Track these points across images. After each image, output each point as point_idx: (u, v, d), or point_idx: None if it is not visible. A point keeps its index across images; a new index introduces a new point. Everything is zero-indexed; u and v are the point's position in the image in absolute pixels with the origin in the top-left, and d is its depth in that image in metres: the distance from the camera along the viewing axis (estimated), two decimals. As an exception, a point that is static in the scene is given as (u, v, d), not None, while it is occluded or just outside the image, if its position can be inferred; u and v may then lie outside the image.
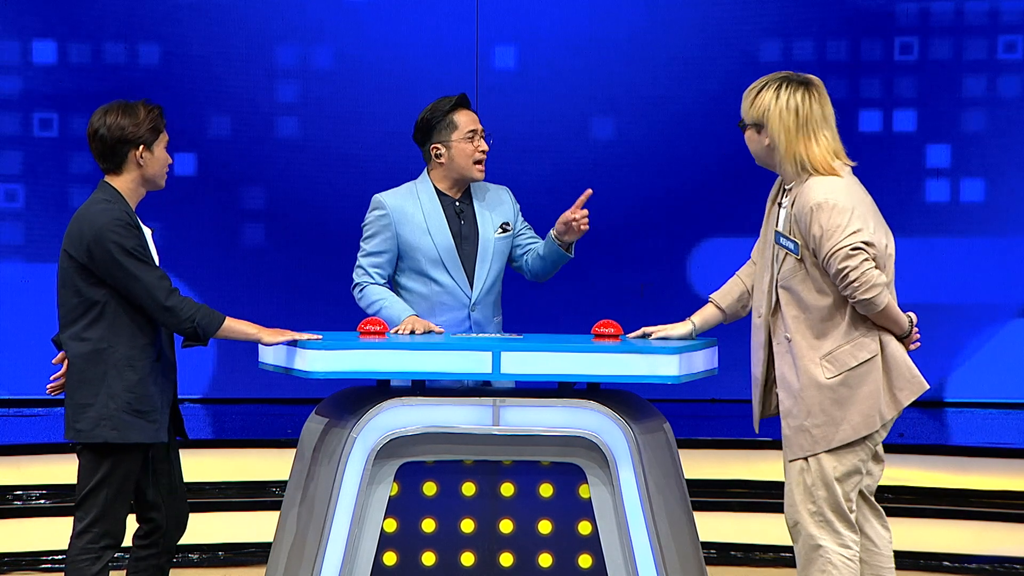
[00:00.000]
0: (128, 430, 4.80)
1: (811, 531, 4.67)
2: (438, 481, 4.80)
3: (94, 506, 4.85)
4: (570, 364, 4.74)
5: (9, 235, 10.19)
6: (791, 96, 4.69)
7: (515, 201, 5.74)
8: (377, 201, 5.61)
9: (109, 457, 4.83)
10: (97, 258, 4.76)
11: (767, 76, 4.79)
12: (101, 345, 4.80)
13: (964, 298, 10.12)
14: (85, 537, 4.86)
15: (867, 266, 4.57)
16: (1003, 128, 10.13)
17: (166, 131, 4.96)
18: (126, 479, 4.87)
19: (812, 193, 4.63)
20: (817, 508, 4.66)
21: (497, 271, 5.64)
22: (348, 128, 10.19)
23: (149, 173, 4.91)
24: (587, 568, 4.77)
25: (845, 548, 4.67)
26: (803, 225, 4.64)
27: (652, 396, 5.18)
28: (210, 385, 10.09)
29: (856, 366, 4.63)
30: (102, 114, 4.90)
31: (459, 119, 5.57)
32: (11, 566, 7.11)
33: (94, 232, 4.77)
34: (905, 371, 4.68)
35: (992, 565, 7.15)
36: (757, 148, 4.79)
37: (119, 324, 4.80)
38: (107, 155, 4.88)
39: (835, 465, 4.66)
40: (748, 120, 4.78)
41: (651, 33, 10.21)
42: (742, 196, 10.07)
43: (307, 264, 10.19)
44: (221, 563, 7.28)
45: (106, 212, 4.80)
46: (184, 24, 10.15)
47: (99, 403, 4.79)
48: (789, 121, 4.68)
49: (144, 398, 4.82)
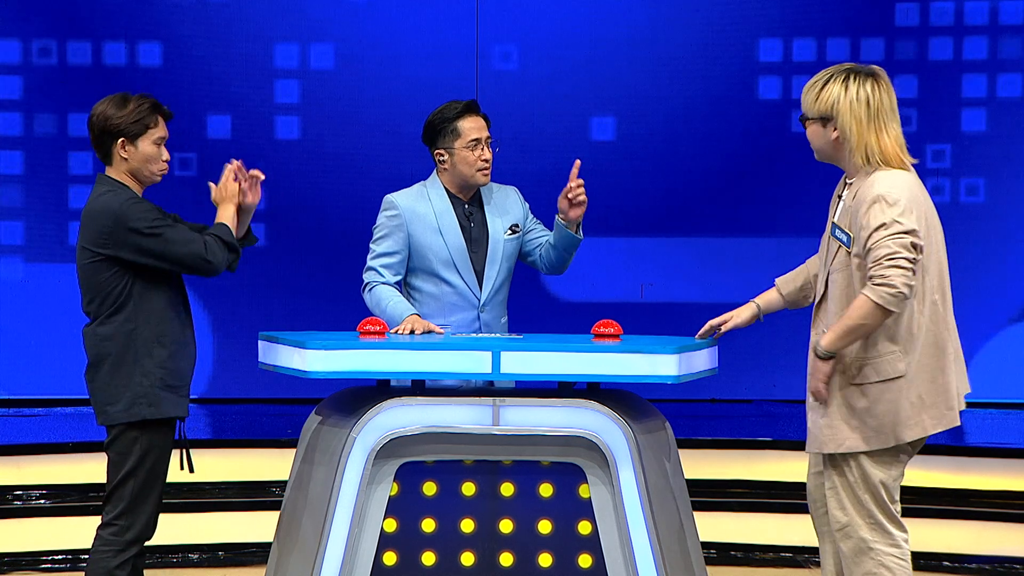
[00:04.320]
0: (163, 405, 4.88)
1: (862, 534, 4.63)
2: (438, 481, 4.80)
3: (122, 498, 4.86)
4: (570, 364, 4.74)
5: (9, 235, 10.18)
6: (860, 87, 4.59)
7: (524, 201, 5.75)
8: (389, 201, 5.62)
9: (138, 443, 4.85)
10: (126, 241, 4.79)
11: (829, 69, 4.67)
12: (128, 327, 4.86)
13: (964, 298, 10.09)
14: (110, 529, 4.86)
15: (907, 262, 4.44)
16: (1003, 128, 10.13)
17: (164, 127, 4.94)
18: (154, 469, 4.89)
19: (876, 186, 4.52)
20: (867, 510, 4.62)
21: (506, 272, 5.66)
22: (348, 128, 10.19)
23: (133, 166, 4.92)
24: (587, 568, 4.77)
25: (896, 547, 4.63)
26: (859, 215, 4.52)
27: (652, 396, 5.18)
28: (210, 385, 10.09)
29: (877, 382, 4.56)
30: (99, 104, 4.95)
31: (464, 126, 5.57)
32: (11, 566, 7.11)
33: (113, 219, 4.80)
34: (941, 401, 4.58)
35: (992, 565, 7.15)
36: (822, 142, 4.66)
37: (144, 304, 4.86)
38: (96, 145, 4.94)
39: (876, 467, 4.61)
40: (813, 114, 4.65)
41: (651, 33, 10.21)
42: (743, 196, 10.10)
43: (307, 264, 10.20)
44: (221, 563, 7.28)
45: (115, 198, 4.84)
46: (184, 24, 10.15)
47: (134, 383, 4.84)
48: (860, 112, 4.59)
49: (175, 373, 4.91)
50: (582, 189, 5.52)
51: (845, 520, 4.64)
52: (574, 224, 5.58)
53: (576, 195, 5.51)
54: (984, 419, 9.58)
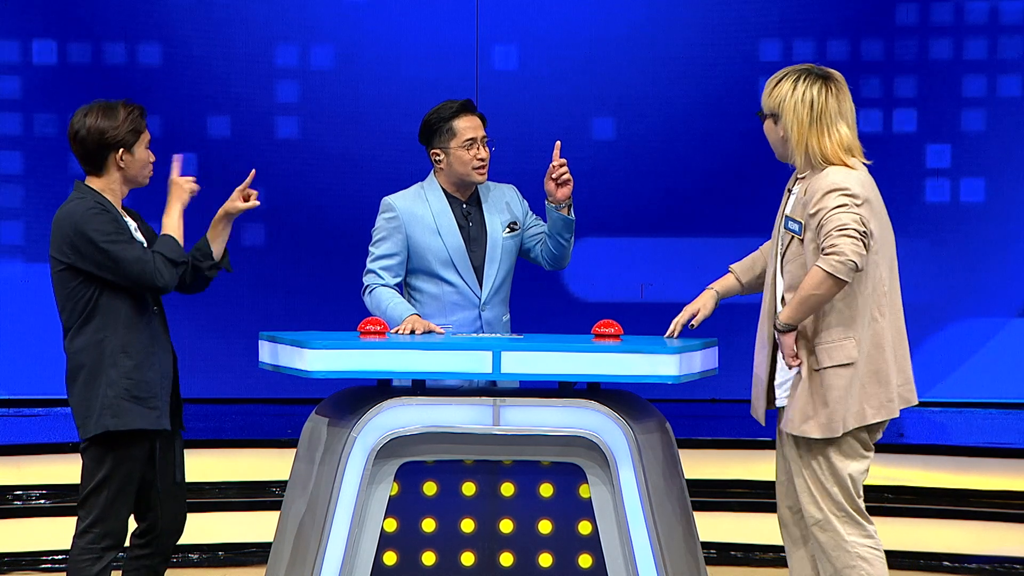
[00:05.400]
0: (127, 416, 4.80)
1: (837, 527, 4.68)
2: (438, 481, 4.80)
3: (95, 506, 4.85)
4: (570, 364, 4.74)
5: (9, 235, 10.19)
6: (808, 88, 4.66)
7: (523, 199, 5.75)
8: (387, 204, 5.62)
9: (111, 453, 4.82)
10: (82, 250, 4.76)
11: (789, 67, 4.75)
12: (98, 337, 4.80)
13: (964, 298, 10.12)
14: (86, 537, 4.86)
15: (857, 233, 4.50)
16: (1003, 128, 10.13)
17: (147, 130, 4.93)
18: (128, 478, 4.86)
19: (829, 178, 4.60)
20: (837, 503, 4.67)
21: (506, 271, 5.66)
22: (348, 128, 10.19)
23: (130, 174, 4.91)
24: (587, 568, 4.77)
25: (870, 538, 4.70)
26: (810, 205, 4.60)
27: (652, 396, 5.18)
28: (210, 385, 10.09)
29: (830, 367, 4.62)
30: (82, 116, 4.88)
31: (459, 126, 5.57)
32: (11, 566, 7.11)
33: (73, 227, 4.77)
34: (881, 391, 4.66)
35: (992, 565, 7.15)
36: (774, 139, 4.77)
37: (112, 314, 4.81)
38: (88, 158, 4.88)
39: (843, 459, 4.66)
40: (766, 110, 4.75)
41: (651, 33, 10.21)
42: (742, 196, 10.10)
43: (307, 264, 10.20)
44: (221, 563, 7.28)
45: (79, 205, 4.81)
46: (184, 24, 10.15)
47: (100, 393, 4.79)
48: (803, 113, 4.65)
49: (142, 384, 4.82)
50: (565, 168, 5.52)
51: (820, 516, 4.70)
52: (565, 206, 5.58)
53: (560, 175, 5.52)
54: (984, 419, 9.58)
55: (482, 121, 5.62)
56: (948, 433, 9.27)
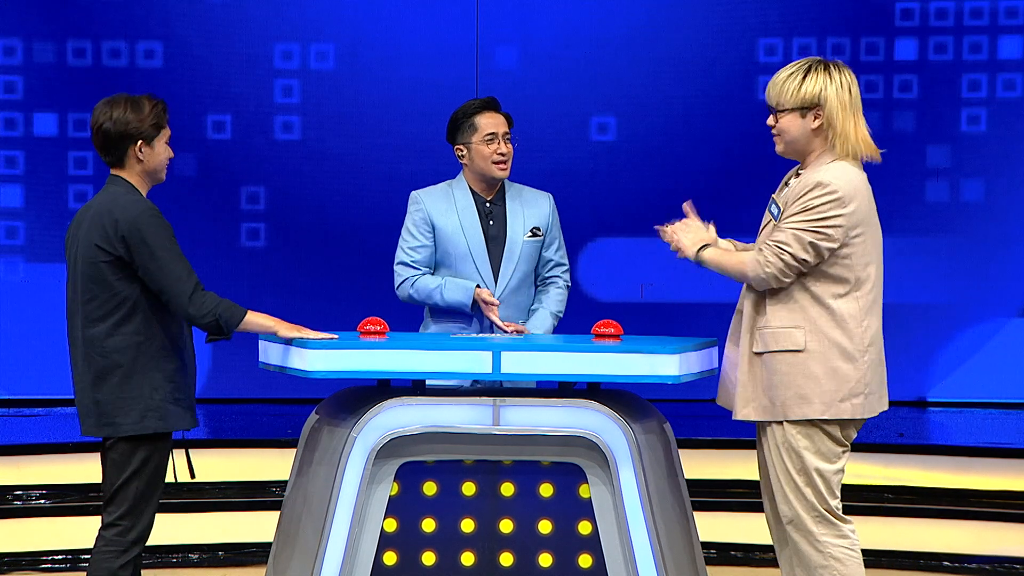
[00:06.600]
0: (171, 418, 4.84)
1: (810, 527, 4.68)
2: (438, 481, 4.80)
3: (125, 500, 4.84)
4: (570, 364, 4.74)
5: (9, 235, 10.18)
6: (843, 76, 4.72)
7: (555, 211, 5.81)
8: (414, 197, 5.76)
9: (143, 448, 4.83)
10: (133, 248, 4.76)
11: (797, 61, 4.77)
12: (138, 338, 4.81)
13: (964, 298, 10.12)
14: (113, 530, 4.84)
15: (794, 261, 4.60)
16: (1003, 128, 10.13)
17: (168, 126, 4.95)
18: (157, 472, 4.87)
19: (821, 173, 4.64)
20: (809, 503, 4.68)
21: (523, 273, 5.71)
22: (348, 128, 10.18)
23: (149, 167, 4.91)
24: (587, 568, 4.77)
25: (844, 538, 4.69)
26: (794, 193, 4.65)
27: (652, 396, 5.18)
28: (209, 385, 10.09)
29: (775, 351, 4.65)
30: (107, 107, 4.89)
31: (481, 122, 5.71)
32: (11, 566, 7.11)
33: (129, 223, 4.76)
34: (836, 389, 4.64)
35: (992, 565, 7.15)
36: (799, 132, 4.74)
37: (153, 316, 4.82)
38: (109, 148, 4.89)
39: (813, 457, 4.67)
40: (794, 104, 4.72)
41: (651, 33, 10.21)
42: (743, 196, 10.07)
43: (307, 264, 10.19)
44: (221, 563, 7.28)
45: (137, 203, 4.81)
46: (184, 24, 10.15)
47: (144, 395, 4.80)
48: (846, 101, 4.70)
49: (182, 386, 4.88)
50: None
51: (791, 514, 4.72)
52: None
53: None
54: (984, 419, 9.58)
55: (508, 120, 5.78)
56: (948, 433, 9.27)
